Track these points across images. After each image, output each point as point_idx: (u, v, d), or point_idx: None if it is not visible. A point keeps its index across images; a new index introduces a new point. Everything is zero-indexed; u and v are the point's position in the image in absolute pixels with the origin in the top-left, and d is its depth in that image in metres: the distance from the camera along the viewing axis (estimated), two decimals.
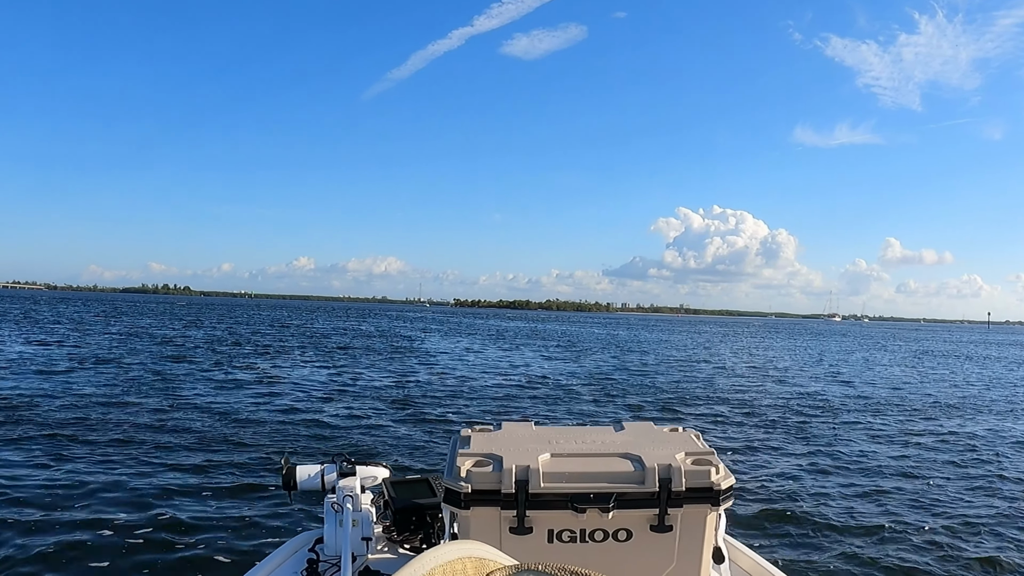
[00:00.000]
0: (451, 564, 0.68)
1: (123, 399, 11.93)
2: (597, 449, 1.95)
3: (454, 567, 0.68)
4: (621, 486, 1.81)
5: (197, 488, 6.62)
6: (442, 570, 0.66)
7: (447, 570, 0.67)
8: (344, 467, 2.23)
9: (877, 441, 10.45)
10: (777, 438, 10.47)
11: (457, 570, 0.68)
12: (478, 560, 0.71)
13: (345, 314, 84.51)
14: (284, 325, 46.95)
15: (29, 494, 6.25)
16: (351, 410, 11.77)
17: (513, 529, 1.81)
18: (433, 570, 0.66)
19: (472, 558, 0.70)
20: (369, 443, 9.12)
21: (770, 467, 8.41)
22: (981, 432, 11.68)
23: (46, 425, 9.35)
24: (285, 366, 18.92)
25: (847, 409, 14.04)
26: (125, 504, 6.08)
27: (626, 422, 2.20)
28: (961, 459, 9.30)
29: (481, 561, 0.71)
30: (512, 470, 1.80)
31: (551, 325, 74.88)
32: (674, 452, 1.90)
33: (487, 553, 0.73)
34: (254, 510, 5.97)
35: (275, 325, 46.52)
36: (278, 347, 25.85)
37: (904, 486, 7.64)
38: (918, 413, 13.99)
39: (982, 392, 18.87)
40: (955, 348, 49.51)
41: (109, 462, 7.48)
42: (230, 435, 9.18)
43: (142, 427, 9.50)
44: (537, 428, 2.14)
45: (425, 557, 0.67)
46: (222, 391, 13.50)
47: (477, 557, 0.71)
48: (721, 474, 1.86)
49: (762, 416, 12.74)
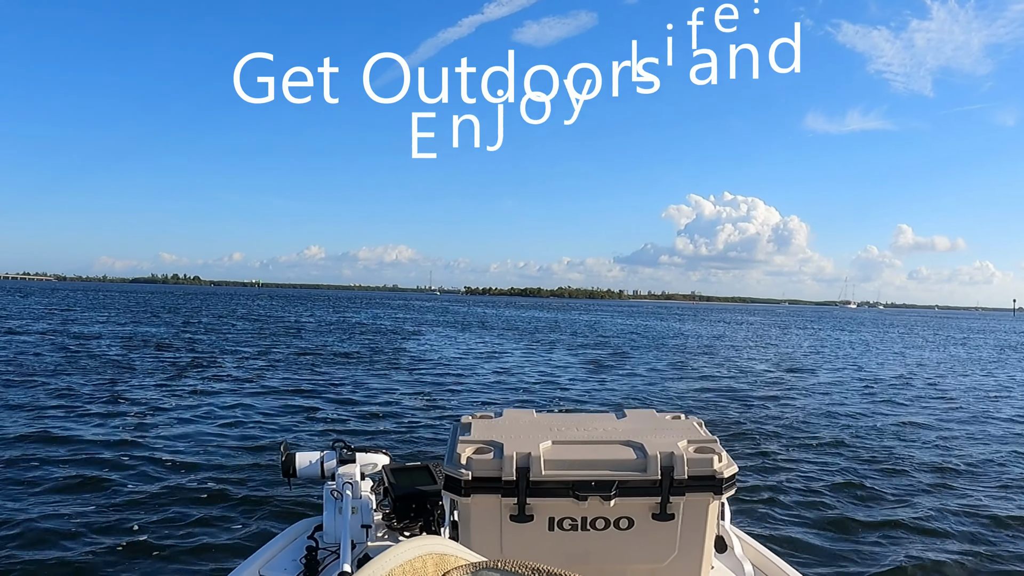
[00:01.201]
0: (411, 563, 0.67)
1: (112, 386, 11.94)
2: (599, 436, 1.94)
3: (414, 565, 0.67)
4: (623, 474, 1.80)
5: (196, 474, 6.62)
6: (402, 569, 0.66)
7: (407, 569, 0.66)
8: (344, 454, 2.22)
9: (900, 437, 9.94)
10: (785, 429, 10.48)
11: (417, 568, 0.67)
12: (439, 556, 0.70)
13: (345, 304, 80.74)
14: (259, 319, 43.86)
15: (27, 466, 6.26)
16: (350, 398, 11.78)
17: (514, 517, 1.80)
18: (393, 570, 0.65)
19: (433, 555, 0.70)
20: (368, 430, 9.13)
21: (775, 456, 8.41)
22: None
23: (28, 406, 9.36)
24: (278, 357, 18.94)
25: (884, 410, 12.65)
26: (122, 489, 6.08)
27: (628, 409, 2.19)
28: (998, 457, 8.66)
29: (442, 557, 0.70)
30: (513, 457, 1.79)
31: (569, 315, 67.71)
32: (676, 440, 1.88)
33: (449, 549, 0.72)
34: (253, 497, 5.97)
35: (252, 319, 45.10)
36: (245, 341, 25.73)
37: (921, 480, 7.49)
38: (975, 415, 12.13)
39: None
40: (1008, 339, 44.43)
41: (101, 451, 7.49)
42: (228, 422, 9.19)
43: (134, 416, 9.50)
44: (538, 415, 2.12)
45: (385, 556, 0.66)
46: (216, 382, 13.51)
47: (438, 554, 0.70)
48: (724, 462, 1.85)
49: (770, 406, 12.75)
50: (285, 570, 2.04)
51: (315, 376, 14.41)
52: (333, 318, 42.21)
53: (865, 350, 29.40)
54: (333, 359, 18.13)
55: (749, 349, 26.91)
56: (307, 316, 43.68)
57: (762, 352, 26.54)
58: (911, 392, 15.37)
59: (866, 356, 25.87)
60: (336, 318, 42.67)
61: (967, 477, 7.71)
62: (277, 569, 2.05)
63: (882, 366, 21.71)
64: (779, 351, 27.19)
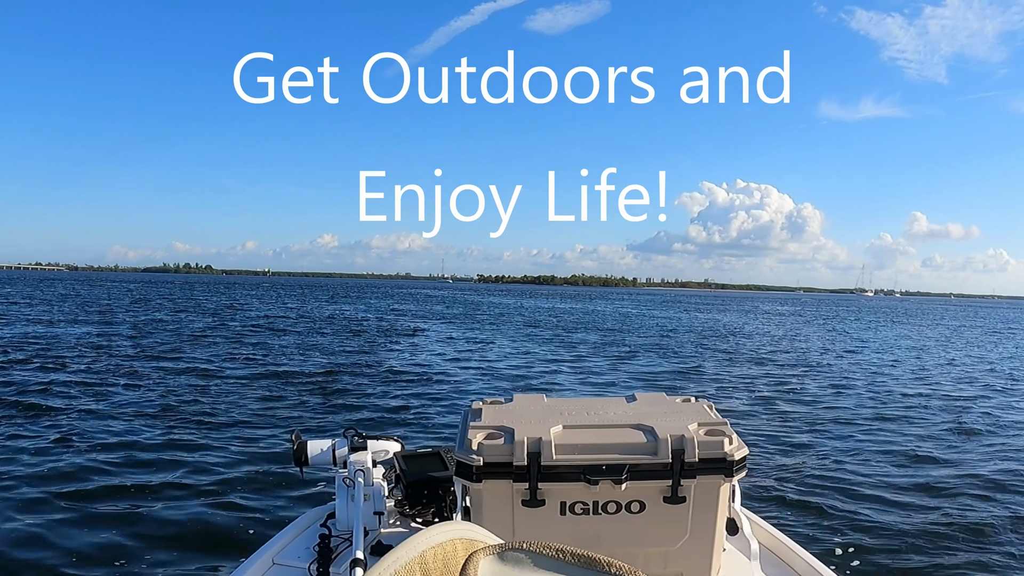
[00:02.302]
0: (442, 545, 0.70)
1: (121, 370, 12.02)
2: (609, 420, 1.93)
3: (444, 548, 0.70)
4: (634, 457, 1.79)
5: (207, 464, 6.67)
6: (433, 552, 0.68)
7: (438, 552, 0.69)
8: (355, 441, 2.22)
9: (913, 422, 9.83)
10: (799, 410, 10.46)
11: (448, 551, 0.70)
12: (468, 541, 0.73)
13: (346, 294, 75.52)
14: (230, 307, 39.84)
15: (35, 459, 6.31)
16: (360, 386, 11.82)
17: (525, 502, 1.80)
18: (424, 552, 0.68)
19: (463, 539, 0.73)
20: (380, 417, 9.17)
21: (788, 439, 8.40)
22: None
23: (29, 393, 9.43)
24: (288, 343, 19.00)
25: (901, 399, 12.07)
26: (134, 478, 6.13)
27: (638, 393, 2.19)
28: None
29: (471, 542, 0.73)
30: (524, 442, 1.79)
31: (589, 305, 60.01)
32: (687, 423, 1.88)
33: (477, 534, 0.76)
34: (265, 485, 6.02)
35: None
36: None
37: (937, 467, 7.43)
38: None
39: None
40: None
41: (113, 436, 7.54)
42: (238, 411, 9.24)
43: (147, 402, 9.56)
44: (549, 400, 2.12)
45: (417, 539, 0.69)
46: (226, 367, 13.58)
47: (468, 538, 0.74)
48: (734, 445, 1.84)
49: (784, 390, 12.72)
50: (298, 558, 2.05)
51: (325, 364, 14.47)
52: (314, 311, 36.00)
53: (918, 347, 25.15)
54: (338, 348, 18.20)
55: (822, 350, 22.30)
56: (282, 312, 36.47)
57: (825, 348, 23.24)
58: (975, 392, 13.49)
59: (927, 355, 21.90)
60: (328, 311, 39.13)
61: (991, 467, 7.67)
62: (290, 557, 2.07)
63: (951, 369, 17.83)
64: (846, 350, 23.07)
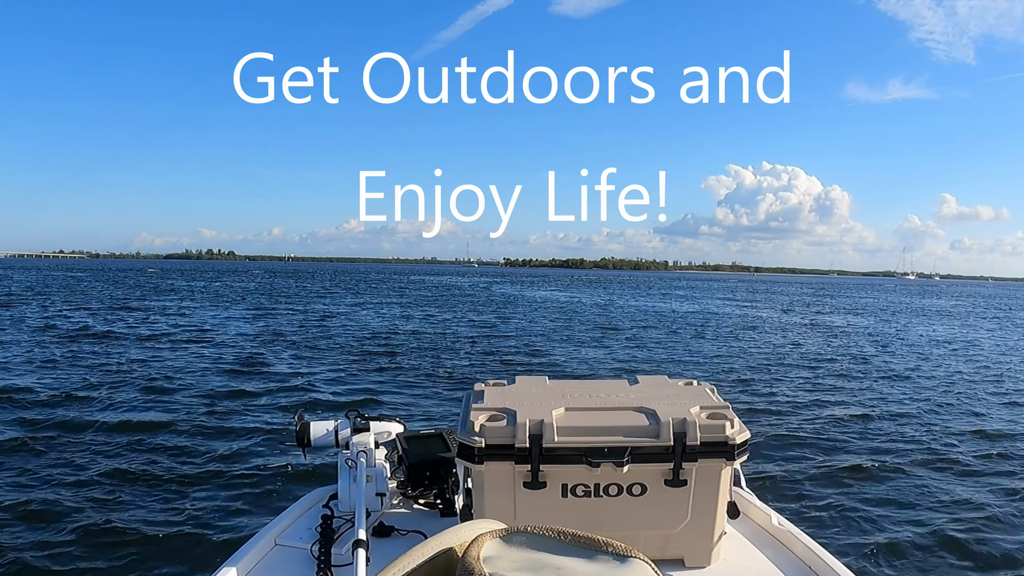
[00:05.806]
0: (466, 542, 0.71)
1: (120, 363, 12.05)
2: (611, 403, 1.93)
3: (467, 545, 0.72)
4: (635, 440, 1.79)
5: (210, 445, 6.70)
6: (460, 547, 0.71)
7: (463, 547, 0.71)
8: (358, 423, 2.23)
9: (918, 408, 9.69)
10: (802, 395, 10.47)
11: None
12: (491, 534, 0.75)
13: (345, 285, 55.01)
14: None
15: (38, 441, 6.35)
16: (363, 367, 11.86)
17: (527, 484, 1.80)
18: (450, 549, 0.70)
19: (491, 531, 0.75)
20: (382, 399, 9.20)
21: (789, 423, 8.42)
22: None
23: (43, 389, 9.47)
24: (294, 326, 19.04)
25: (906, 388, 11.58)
26: (136, 459, 6.17)
27: (641, 376, 2.18)
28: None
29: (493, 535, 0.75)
30: (526, 424, 1.79)
31: (625, 294, 49.26)
32: (689, 406, 1.88)
33: (498, 528, 0.78)
34: (268, 466, 6.05)
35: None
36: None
37: (939, 454, 7.40)
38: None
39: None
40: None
41: (114, 416, 7.58)
42: (241, 393, 9.28)
43: (148, 387, 9.60)
44: (551, 383, 2.12)
45: (445, 535, 0.72)
46: (228, 349, 13.62)
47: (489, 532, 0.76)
48: (736, 428, 1.84)
49: (789, 374, 12.73)
50: (300, 539, 2.06)
51: (328, 350, 14.51)
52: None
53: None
54: (346, 332, 18.23)
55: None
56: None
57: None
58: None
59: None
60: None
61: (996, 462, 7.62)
62: (293, 538, 2.07)
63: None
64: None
